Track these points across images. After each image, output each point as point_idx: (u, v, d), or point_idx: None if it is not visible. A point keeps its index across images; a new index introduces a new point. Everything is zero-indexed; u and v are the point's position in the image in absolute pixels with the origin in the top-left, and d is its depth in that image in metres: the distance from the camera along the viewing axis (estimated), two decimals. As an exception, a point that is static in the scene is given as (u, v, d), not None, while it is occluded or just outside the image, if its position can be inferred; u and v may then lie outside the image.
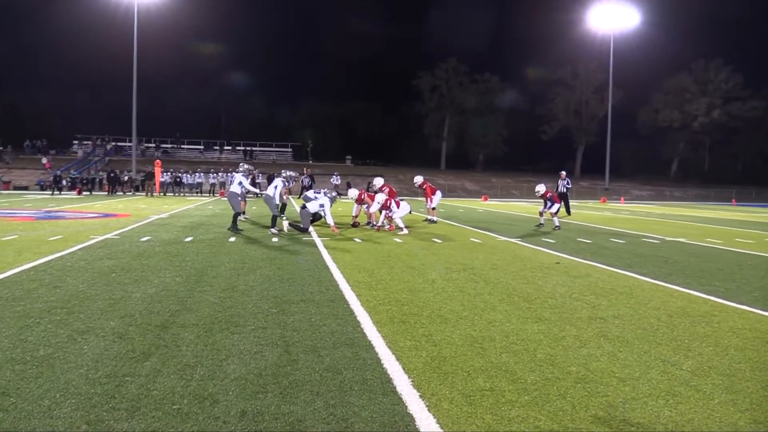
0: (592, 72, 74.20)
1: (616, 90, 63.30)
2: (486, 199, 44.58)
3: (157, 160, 40.59)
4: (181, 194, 40.51)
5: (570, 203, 24.79)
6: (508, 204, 37.35)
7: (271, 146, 67.81)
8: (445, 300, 6.87)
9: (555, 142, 77.12)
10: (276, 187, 13.73)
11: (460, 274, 8.64)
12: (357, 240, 12.69)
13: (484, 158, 79.80)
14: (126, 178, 44.90)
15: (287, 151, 67.51)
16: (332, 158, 66.99)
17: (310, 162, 62.88)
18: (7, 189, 42.81)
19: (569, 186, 24.19)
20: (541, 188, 17.60)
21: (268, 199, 13.69)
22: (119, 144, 62.62)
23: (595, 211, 28.87)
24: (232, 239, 12.30)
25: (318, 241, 12.38)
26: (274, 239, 12.45)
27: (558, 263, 9.94)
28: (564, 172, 24.78)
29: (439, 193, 18.04)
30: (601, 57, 64.66)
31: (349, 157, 66.95)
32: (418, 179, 17.68)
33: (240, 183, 13.65)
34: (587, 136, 76.87)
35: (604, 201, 47.17)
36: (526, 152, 79.38)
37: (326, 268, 8.79)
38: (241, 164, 14.46)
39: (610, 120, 59.28)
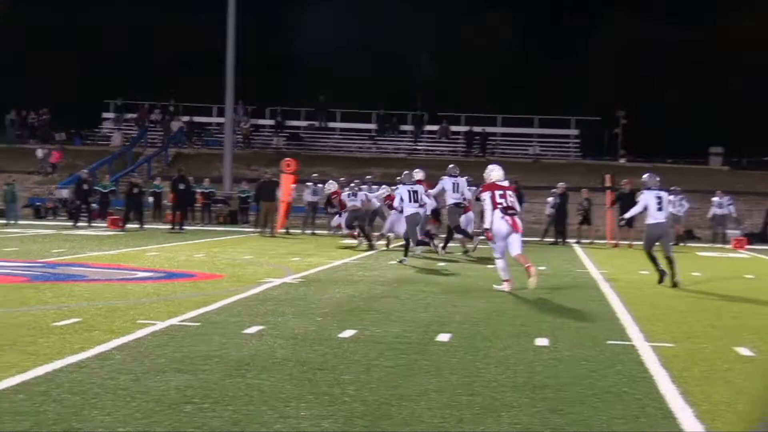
0: None
1: None
2: None
3: (288, 160, 28.85)
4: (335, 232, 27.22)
5: None
6: None
7: (530, 124, 47.04)
8: None
9: None
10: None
11: None
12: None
13: None
14: (206, 192, 32.20)
15: (569, 136, 47.35)
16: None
17: (622, 160, 44.05)
18: None
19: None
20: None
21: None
22: (196, 119, 46.50)
23: None
24: (444, 337, 9.98)
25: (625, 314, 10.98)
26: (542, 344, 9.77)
27: None
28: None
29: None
30: None
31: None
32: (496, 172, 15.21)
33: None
34: None
35: None
36: None
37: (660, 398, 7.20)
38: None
39: None
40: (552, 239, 25.81)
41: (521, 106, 46.51)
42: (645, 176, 15.81)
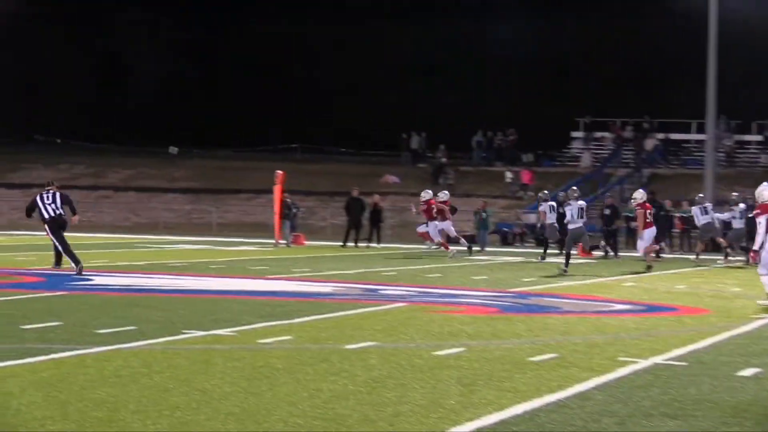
0: None
1: None
2: None
3: None
4: None
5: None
6: None
7: None
8: None
9: None
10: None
11: None
12: None
13: None
14: (685, 217, 28.72)
15: None
16: None
17: None
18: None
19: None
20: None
21: None
22: (673, 136, 45.24)
23: None
24: None
25: None
26: None
27: None
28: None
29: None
30: None
31: None
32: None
33: None
34: None
35: None
36: None
37: None
38: None
39: None
40: None
41: None
42: None
